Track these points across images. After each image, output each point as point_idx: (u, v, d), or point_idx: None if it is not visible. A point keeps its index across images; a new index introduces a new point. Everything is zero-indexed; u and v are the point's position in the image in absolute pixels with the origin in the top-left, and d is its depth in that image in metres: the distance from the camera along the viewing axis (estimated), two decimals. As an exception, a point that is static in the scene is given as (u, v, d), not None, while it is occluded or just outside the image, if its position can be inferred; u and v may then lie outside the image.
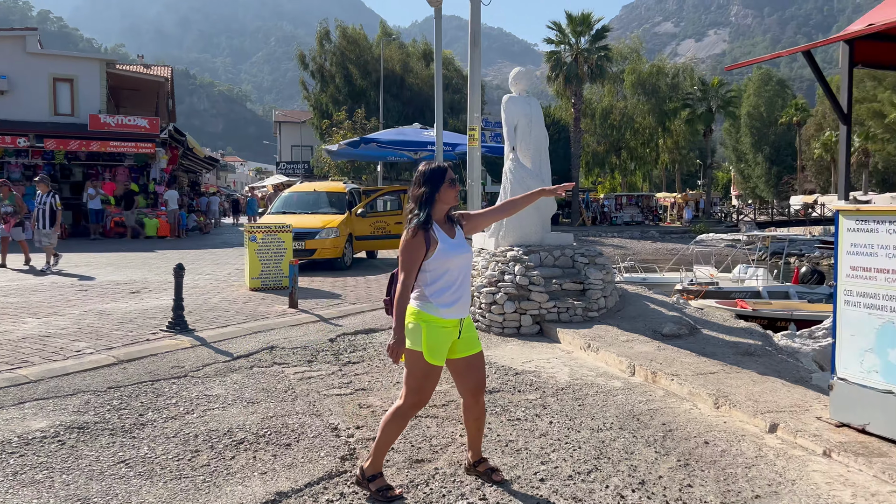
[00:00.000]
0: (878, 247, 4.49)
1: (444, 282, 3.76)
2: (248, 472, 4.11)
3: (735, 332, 8.61)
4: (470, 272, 3.94)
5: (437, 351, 3.74)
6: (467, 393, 3.95)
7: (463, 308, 3.84)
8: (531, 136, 9.56)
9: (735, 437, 4.77)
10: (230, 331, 7.98)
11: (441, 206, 3.82)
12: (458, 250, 3.80)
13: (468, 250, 3.88)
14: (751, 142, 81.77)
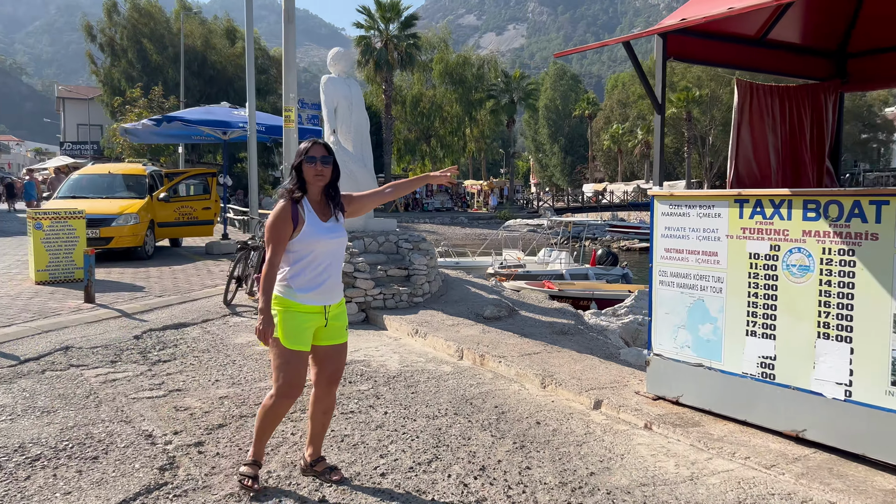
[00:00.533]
0: (690, 230, 4.79)
1: (304, 264, 3.57)
2: (48, 493, 3.57)
3: (550, 312, 8.98)
4: (341, 258, 3.76)
5: (296, 337, 3.56)
6: (322, 382, 3.77)
7: (328, 294, 3.66)
8: (352, 119, 9.33)
9: (564, 416, 4.91)
10: (14, 331, 7.02)
11: (309, 185, 3.61)
12: (328, 234, 3.62)
13: (341, 235, 3.69)
14: (548, 133, 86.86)
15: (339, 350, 3.76)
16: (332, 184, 3.67)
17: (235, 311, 8.63)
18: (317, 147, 3.62)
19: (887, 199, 3.74)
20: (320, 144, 3.64)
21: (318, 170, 3.58)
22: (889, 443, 3.73)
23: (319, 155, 3.59)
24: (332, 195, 3.68)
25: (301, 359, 3.62)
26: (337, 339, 3.73)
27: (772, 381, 4.31)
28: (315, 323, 3.64)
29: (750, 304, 4.44)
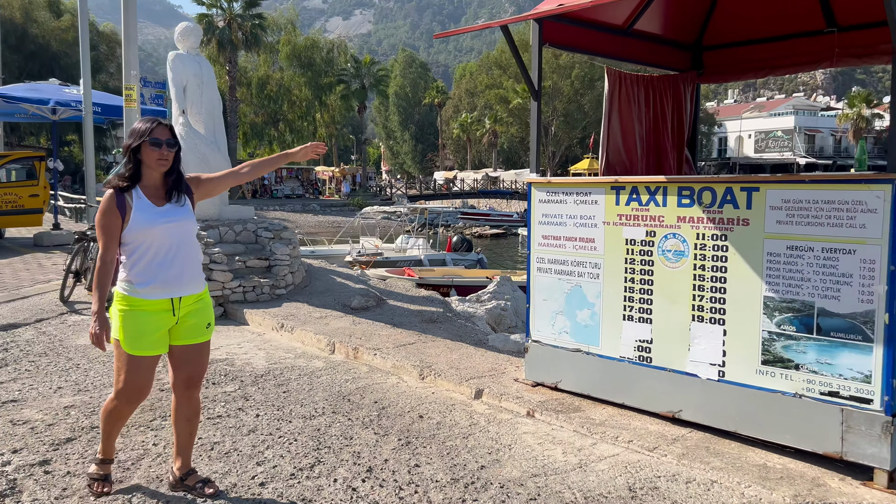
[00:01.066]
0: (567, 217, 4.81)
1: (140, 255, 3.25)
2: None
3: (418, 300, 8.86)
4: (190, 244, 3.40)
5: (138, 341, 3.25)
6: (179, 386, 3.45)
7: (175, 285, 3.32)
8: (203, 99, 8.71)
9: (446, 408, 4.79)
10: None
11: (148, 169, 3.26)
12: (164, 218, 3.27)
13: (183, 218, 3.35)
14: (398, 120, 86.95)
15: (197, 351, 3.42)
16: (173, 168, 3.33)
17: (74, 309, 7.82)
18: (161, 129, 3.27)
19: (757, 186, 3.90)
20: (165, 126, 3.29)
21: (163, 154, 3.24)
22: (759, 419, 3.91)
23: (165, 138, 3.25)
24: (173, 179, 3.34)
25: (144, 364, 3.30)
26: (194, 339, 3.40)
27: (648, 363, 4.41)
28: (164, 322, 3.30)
29: (627, 289, 4.51)
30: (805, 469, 3.69)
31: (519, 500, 3.43)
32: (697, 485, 3.59)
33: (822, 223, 3.66)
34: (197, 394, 3.49)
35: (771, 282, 3.85)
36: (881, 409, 3.49)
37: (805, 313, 3.73)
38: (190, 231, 3.39)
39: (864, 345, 3.53)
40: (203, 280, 3.47)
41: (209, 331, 3.46)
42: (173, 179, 3.34)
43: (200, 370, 3.47)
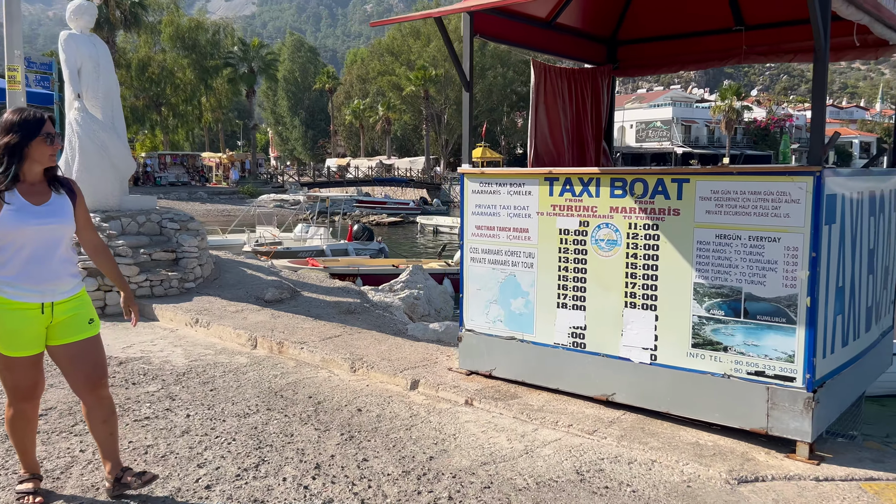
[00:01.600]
0: (501, 207, 4.88)
1: (9, 256, 3.07)
2: None
3: (333, 291, 8.75)
4: (60, 246, 3.19)
5: (9, 340, 3.09)
6: (81, 389, 3.26)
7: (45, 289, 3.12)
8: (99, 83, 8.20)
9: (384, 400, 4.77)
10: None
11: (32, 165, 3.10)
12: (38, 220, 3.10)
13: (59, 220, 3.17)
14: (288, 105, 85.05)
15: (86, 347, 3.22)
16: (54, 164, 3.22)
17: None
18: (49, 123, 3.13)
19: (688, 178, 4.09)
20: (48, 118, 3.15)
21: (54, 149, 3.13)
22: (690, 400, 4.12)
23: (55, 132, 3.15)
24: (53, 174, 3.20)
25: (24, 363, 3.15)
26: (78, 335, 3.21)
27: (582, 349, 4.55)
28: (36, 323, 3.13)
29: (560, 277, 4.63)
30: (734, 445, 3.92)
31: (473, 489, 3.47)
32: (639, 465, 3.75)
33: (748, 213, 3.89)
34: (105, 392, 3.27)
35: (701, 269, 4.06)
36: (803, 386, 3.76)
37: (733, 298, 3.96)
38: (64, 233, 3.19)
39: (788, 327, 3.79)
40: (79, 281, 3.28)
41: (93, 326, 3.25)
42: (54, 174, 3.20)
43: (97, 369, 3.25)
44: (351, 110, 72.50)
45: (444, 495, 3.41)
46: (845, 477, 3.58)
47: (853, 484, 3.53)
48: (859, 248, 4.32)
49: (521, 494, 3.42)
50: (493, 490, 3.47)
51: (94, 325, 3.27)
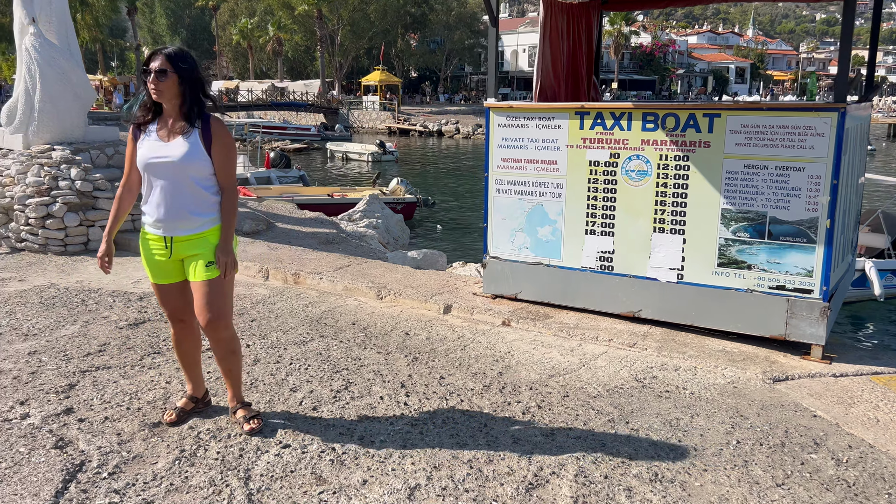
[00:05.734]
0: (529, 140, 5.16)
1: (146, 188, 3.29)
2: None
3: (306, 222, 8.82)
4: (183, 183, 3.24)
5: (148, 268, 3.40)
6: (203, 328, 3.39)
7: (167, 224, 3.26)
8: (53, 6, 7.69)
9: (424, 324, 5.07)
10: None
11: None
12: (160, 155, 3.20)
13: (179, 158, 3.19)
14: (167, 24, 79.98)
15: (203, 289, 3.28)
16: (190, 100, 3.17)
17: (-74, 248, 6.86)
18: (156, 56, 3.16)
19: (719, 112, 4.50)
20: (162, 54, 3.16)
21: (151, 83, 3.14)
22: (714, 313, 4.66)
23: (157, 66, 3.12)
24: (185, 110, 3.19)
25: (161, 290, 3.42)
26: (197, 276, 3.30)
27: (610, 272, 4.99)
28: (160, 255, 3.31)
29: (589, 206, 5.01)
30: (756, 350, 4.51)
31: (555, 398, 3.88)
32: (685, 371, 4.26)
33: (776, 145, 4.36)
34: (220, 334, 3.34)
35: (728, 196, 4.53)
36: (819, 297, 4.35)
37: (758, 222, 4.47)
38: (187, 172, 3.21)
39: (808, 246, 4.35)
40: (205, 220, 3.27)
41: (210, 270, 3.28)
42: (185, 111, 3.20)
43: (212, 310, 3.27)
44: (238, 30, 68.98)
45: (533, 404, 3.80)
46: (856, 373, 4.23)
47: (864, 378, 4.18)
48: (851, 176, 4.92)
49: (598, 400, 3.86)
50: (572, 398, 3.88)
51: (210, 269, 3.27)
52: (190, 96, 3.16)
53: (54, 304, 5.30)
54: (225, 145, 3.24)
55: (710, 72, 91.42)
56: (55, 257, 6.73)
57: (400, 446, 3.31)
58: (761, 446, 3.37)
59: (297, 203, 14.50)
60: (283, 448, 3.27)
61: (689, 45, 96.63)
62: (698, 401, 3.87)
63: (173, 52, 3.15)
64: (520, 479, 3.03)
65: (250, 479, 2.99)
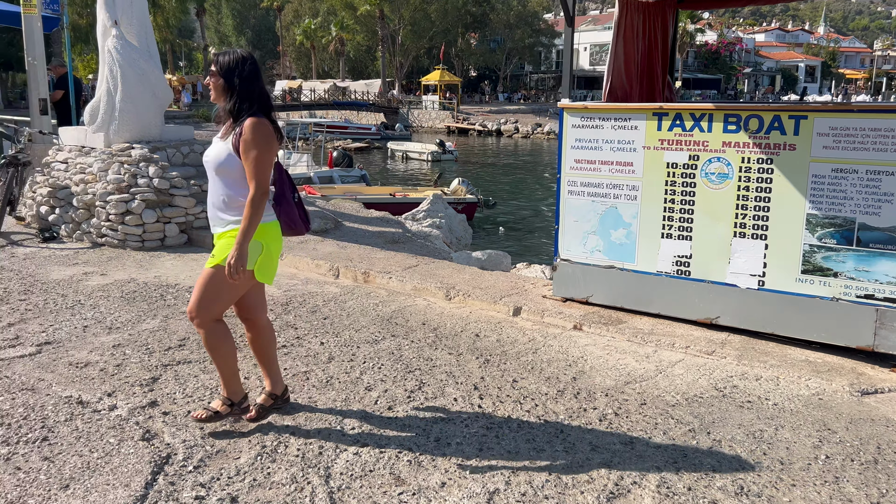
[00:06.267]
0: (603, 141, 5.08)
1: None
2: (40, 490, 2.81)
3: (373, 221, 8.89)
4: (217, 183, 3.28)
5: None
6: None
7: (211, 220, 3.38)
8: (133, 8, 7.94)
9: (494, 326, 5.04)
10: None
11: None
12: (207, 155, 3.32)
13: (212, 158, 3.27)
14: (233, 24, 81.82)
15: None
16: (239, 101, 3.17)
17: (14, 241, 7.16)
18: (217, 59, 3.24)
19: (805, 115, 4.35)
20: (222, 55, 3.24)
21: (212, 83, 3.23)
22: (796, 322, 4.50)
23: (213, 68, 3.23)
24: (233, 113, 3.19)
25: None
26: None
27: (686, 276, 4.87)
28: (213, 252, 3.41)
29: (666, 209, 4.90)
30: (841, 361, 4.33)
31: (632, 405, 3.80)
32: (766, 381, 4.13)
33: (867, 148, 4.19)
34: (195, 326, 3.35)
35: (815, 201, 4.37)
36: (912, 307, 4.16)
37: (846, 228, 4.30)
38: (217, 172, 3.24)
39: (901, 254, 4.16)
40: (228, 219, 3.25)
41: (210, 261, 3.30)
42: (230, 112, 3.21)
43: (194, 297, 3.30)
44: (302, 30, 70.12)
45: (609, 411, 3.73)
46: (950, 387, 4.03)
47: (960, 392, 3.98)
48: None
49: (677, 409, 3.77)
50: (650, 406, 3.80)
51: (210, 260, 3.30)
52: (237, 98, 3.16)
53: (134, 298, 5.46)
54: (246, 149, 3.11)
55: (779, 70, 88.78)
56: (133, 252, 6.93)
57: (476, 449, 3.30)
58: (852, 462, 3.24)
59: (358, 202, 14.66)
60: (361, 447, 3.29)
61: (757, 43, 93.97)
62: (782, 412, 3.74)
63: (223, 54, 3.23)
64: (600, 488, 2.98)
65: (331, 478, 3.01)
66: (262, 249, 3.25)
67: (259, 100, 3.21)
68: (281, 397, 3.65)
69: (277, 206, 3.37)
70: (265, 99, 3.25)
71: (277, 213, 3.36)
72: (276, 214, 3.36)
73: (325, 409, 3.67)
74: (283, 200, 3.40)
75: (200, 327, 3.30)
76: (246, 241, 3.11)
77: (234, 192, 3.23)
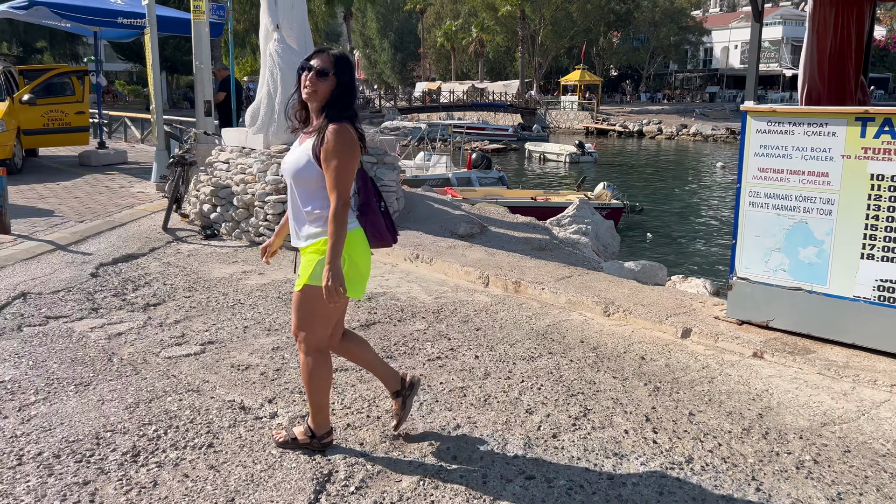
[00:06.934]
0: (794, 149, 4.56)
1: None
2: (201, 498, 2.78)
3: (518, 227, 8.64)
4: (296, 191, 3.04)
5: None
6: None
7: (291, 233, 3.15)
8: (294, 12, 8.09)
9: (661, 348, 4.65)
10: (-60, 277, 5.57)
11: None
12: (285, 159, 3.09)
13: (288, 165, 3.03)
14: (377, 27, 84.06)
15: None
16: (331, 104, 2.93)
17: (179, 237, 7.47)
18: (318, 55, 2.95)
19: None
20: (326, 53, 2.95)
21: (308, 82, 2.91)
22: None
23: (318, 65, 2.91)
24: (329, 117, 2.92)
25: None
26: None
27: (892, 304, 4.27)
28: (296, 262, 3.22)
29: (868, 226, 4.32)
30: None
31: (834, 453, 3.33)
32: None
33: None
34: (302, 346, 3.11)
35: None
36: None
37: None
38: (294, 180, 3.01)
39: None
40: (314, 232, 3.00)
41: (296, 282, 3.04)
42: (326, 116, 2.92)
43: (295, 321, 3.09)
44: (443, 32, 71.02)
45: (807, 457, 3.28)
46: None
47: None
48: None
49: (889, 461, 3.25)
50: (855, 455, 3.31)
51: (297, 281, 3.05)
52: (338, 102, 2.93)
53: (291, 299, 5.50)
54: (328, 157, 2.85)
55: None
56: (289, 252, 7.03)
57: (656, 493, 2.96)
58: None
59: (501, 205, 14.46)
60: (527, 479, 3.04)
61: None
62: None
63: (338, 54, 2.98)
64: (809, 554, 2.57)
65: (498, 513, 2.79)
66: (346, 262, 2.94)
67: (352, 104, 3.00)
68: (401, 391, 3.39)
69: (363, 216, 3.10)
70: (354, 104, 3.03)
71: (363, 223, 3.09)
72: (360, 223, 3.09)
73: (486, 430, 3.46)
74: (369, 209, 3.13)
75: (306, 354, 3.09)
76: (337, 258, 2.84)
77: (313, 203, 2.99)
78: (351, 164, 2.88)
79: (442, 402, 3.75)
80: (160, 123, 10.10)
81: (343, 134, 2.86)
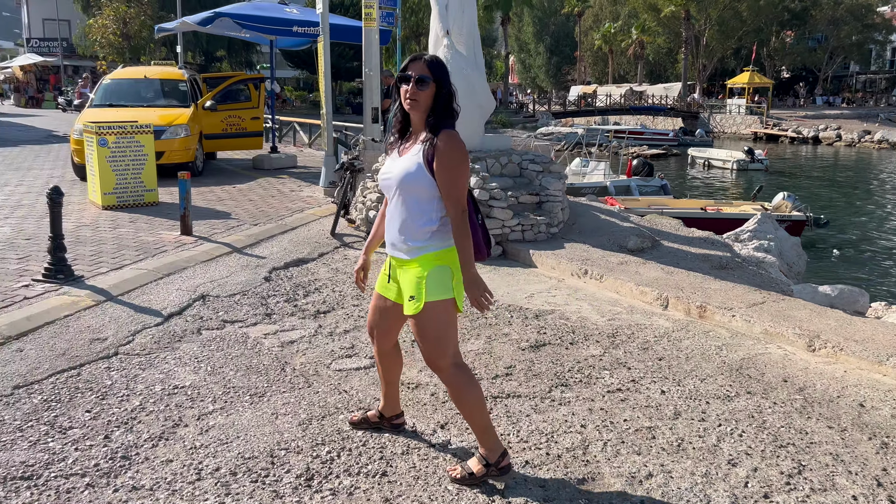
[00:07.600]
0: None
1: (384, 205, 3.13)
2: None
3: (694, 241, 8.04)
4: (399, 201, 2.91)
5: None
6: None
7: (389, 244, 2.99)
8: (464, 17, 7.99)
9: (884, 395, 3.99)
10: (131, 275, 5.87)
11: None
12: (387, 172, 2.94)
13: (394, 175, 2.89)
14: (533, 31, 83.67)
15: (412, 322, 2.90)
16: (437, 112, 2.80)
17: (346, 243, 7.54)
18: (415, 63, 2.77)
19: None
20: (421, 61, 2.77)
21: (407, 91, 2.78)
22: None
23: (417, 73, 2.73)
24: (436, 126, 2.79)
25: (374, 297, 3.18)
26: (404, 309, 2.94)
27: None
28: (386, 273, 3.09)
29: None
30: None
31: None
32: None
33: None
34: (438, 376, 2.99)
35: None
36: None
37: None
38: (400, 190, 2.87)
39: None
40: (419, 246, 2.87)
41: (411, 305, 2.87)
42: (431, 125, 2.80)
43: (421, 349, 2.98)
44: (601, 34, 69.52)
45: None
46: None
47: None
48: None
49: None
50: None
51: (412, 303, 2.87)
52: (442, 108, 2.81)
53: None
54: (444, 164, 2.75)
55: None
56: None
57: (904, 584, 2.45)
58: None
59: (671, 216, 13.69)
60: (738, 550, 2.62)
61: None
62: None
63: (433, 58, 2.81)
64: None
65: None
66: (455, 275, 2.87)
67: (452, 109, 2.85)
68: (387, 419, 3.42)
69: None
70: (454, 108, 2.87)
71: None
72: None
73: (684, 483, 3.06)
74: (469, 222, 2.92)
75: (449, 375, 2.95)
76: (470, 267, 2.80)
77: (421, 214, 2.87)
78: (466, 170, 2.84)
79: (629, 444, 3.39)
80: (330, 130, 10.35)
81: (456, 140, 2.80)
